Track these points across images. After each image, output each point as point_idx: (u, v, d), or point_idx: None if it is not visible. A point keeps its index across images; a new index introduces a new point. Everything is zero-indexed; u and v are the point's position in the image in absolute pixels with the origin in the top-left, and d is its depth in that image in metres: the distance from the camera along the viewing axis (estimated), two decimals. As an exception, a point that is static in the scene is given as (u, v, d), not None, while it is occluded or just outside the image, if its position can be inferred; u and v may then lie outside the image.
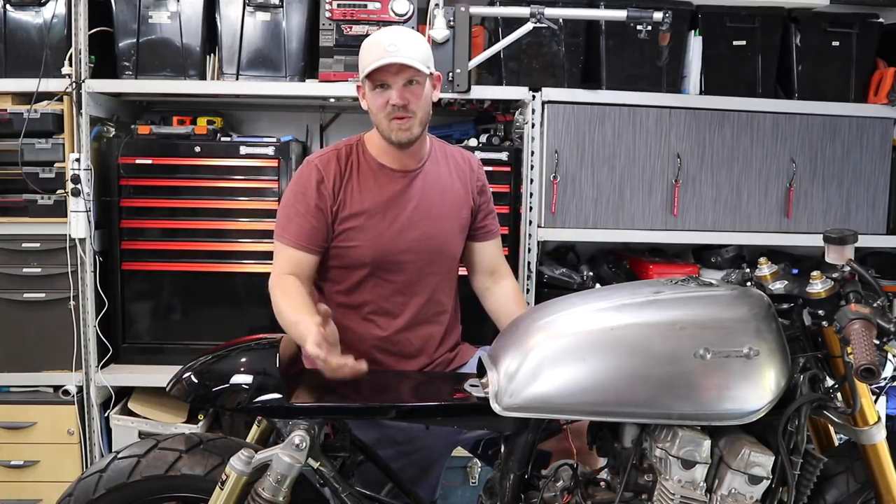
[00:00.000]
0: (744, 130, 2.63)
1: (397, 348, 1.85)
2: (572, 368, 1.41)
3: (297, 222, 1.78)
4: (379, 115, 1.76)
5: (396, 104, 1.72)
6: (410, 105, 1.74)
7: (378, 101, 1.75)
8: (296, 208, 1.79)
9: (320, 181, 1.79)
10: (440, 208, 1.88)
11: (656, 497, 1.44)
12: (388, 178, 1.84)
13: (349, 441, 1.65)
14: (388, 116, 1.74)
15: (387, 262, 1.80)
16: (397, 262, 1.81)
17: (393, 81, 1.72)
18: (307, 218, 1.77)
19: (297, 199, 1.79)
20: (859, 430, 1.46)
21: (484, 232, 1.99)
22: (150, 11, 2.52)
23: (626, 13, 2.35)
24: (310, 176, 1.80)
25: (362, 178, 1.83)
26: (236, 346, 1.61)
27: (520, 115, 2.60)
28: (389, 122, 1.75)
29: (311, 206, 1.77)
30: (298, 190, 1.80)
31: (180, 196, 2.53)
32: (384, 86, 1.74)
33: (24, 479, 2.54)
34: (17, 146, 2.45)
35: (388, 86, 1.73)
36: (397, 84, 1.72)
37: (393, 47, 1.70)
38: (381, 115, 1.76)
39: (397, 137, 1.76)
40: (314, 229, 1.77)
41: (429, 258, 1.85)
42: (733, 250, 2.76)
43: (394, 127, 1.75)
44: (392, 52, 1.69)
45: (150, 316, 2.59)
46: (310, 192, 1.78)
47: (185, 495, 1.54)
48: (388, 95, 1.73)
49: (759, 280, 1.55)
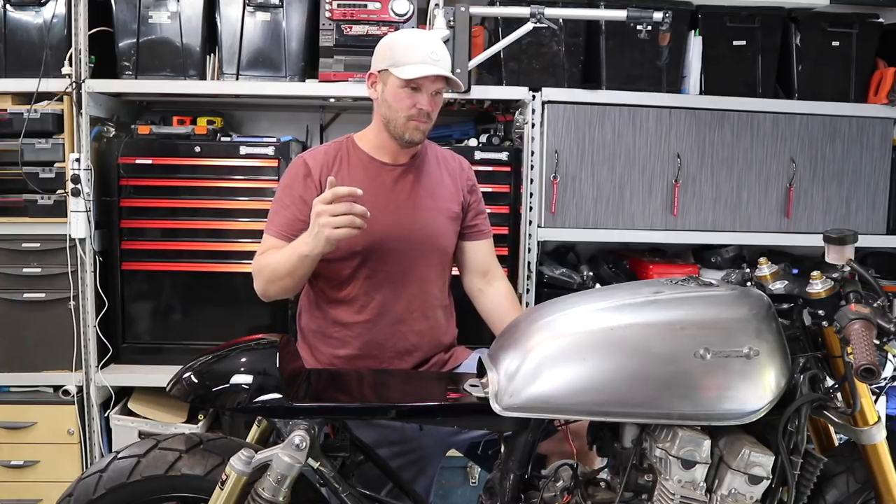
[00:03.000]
0: (744, 130, 2.63)
1: (391, 343, 1.86)
2: (572, 368, 1.41)
3: (282, 214, 1.83)
4: (401, 112, 1.81)
5: (424, 109, 1.79)
6: (432, 113, 1.82)
7: (406, 101, 1.79)
8: (282, 201, 1.85)
9: (307, 174, 1.84)
10: (430, 200, 1.91)
11: (656, 497, 1.44)
12: (379, 169, 1.89)
13: (349, 441, 1.65)
14: (410, 117, 1.80)
15: (377, 250, 1.83)
16: (388, 251, 1.84)
17: (426, 88, 1.79)
18: (292, 210, 1.82)
19: (284, 193, 1.86)
20: (859, 430, 1.46)
21: (475, 231, 2.01)
22: (150, 11, 2.52)
23: (626, 13, 2.35)
24: (297, 170, 1.86)
25: (352, 169, 1.87)
26: (236, 346, 1.61)
27: (520, 115, 2.60)
28: (408, 121, 1.81)
29: (296, 198, 1.83)
30: (286, 184, 1.87)
31: (180, 196, 2.53)
32: (416, 88, 1.78)
33: (24, 479, 2.54)
34: (17, 146, 2.45)
35: (420, 90, 1.78)
36: (429, 91, 1.80)
37: (435, 56, 1.77)
38: (402, 114, 1.80)
39: (411, 137, 1.82)
40: (297, 220, 1.81)
41: (419, 248, 1.88)
42: (733, 250, 2.76)
43: (411, 126, 1.81)
44: (435, 62, 1.77)
45: (150, 316, 2.59)
46: (296, 184, 1.84)
47: (185, 495, 1.53)
48: (418, 99, 1.79)
49: (759, 280, 1.55)
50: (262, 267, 1.80)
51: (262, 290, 1.82)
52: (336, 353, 1.87)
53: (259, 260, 1.82)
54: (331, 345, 1.88)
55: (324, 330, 1.88)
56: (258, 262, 1.82)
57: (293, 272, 1.72)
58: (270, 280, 1.77)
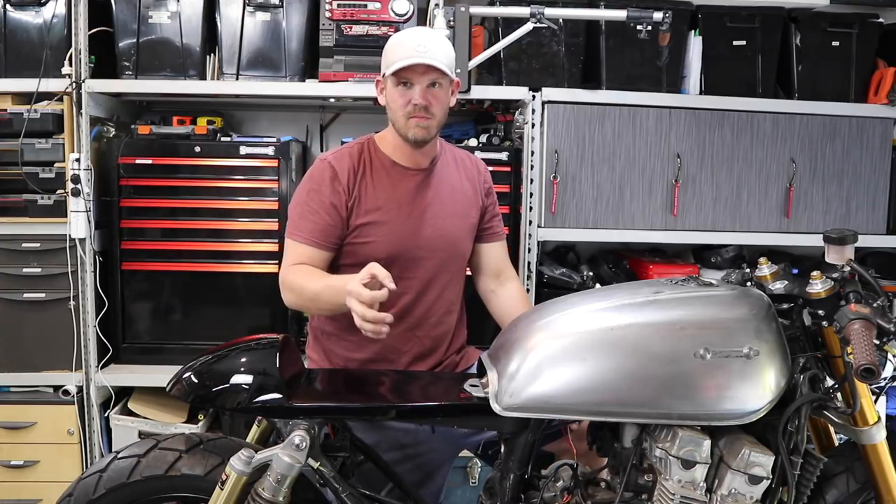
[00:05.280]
0: (744, 130, 2.63)
1: (408, 347, 1.85)
2: (572, 368, 1.41)
3: (310, 219, 1.78)
4: (399, 112, 1.78)
5: (418, 104, 1.75)
6: (432, 107, 1.77)
7: (400, 99, 1.77)
8: (309, 206, 1.79)
9: (334, 178, 1.79)
10: (451, 207, 1.89)
11: (656, 497, 1.44)
12: (402, 175, 1.85)
13: (349, 441, 1.65)
14: (408, 115, 1.77)
15: (402, 259, 1.80)
16: (413, 259, 1.82)
17: (417, 81, 1.75)
18: (321, 215, 1.78)
19: (311, 197, 1.80)
20: (859, 430, 1.46)
21: (490, 233, 2.00)
22: (150, 11, 2.52)
23: (626, 13, 2.35)
24: (323, 173, 1.81)
25: (376, 175, 1.84)
26: (236, 346, 1.61)
27: (520, 115, 2.60)
28: (408, 119, 1.77)
29: (325, 203, 1.78)
30: (312, 187, 1.81)
31: (180, 196, 2.53)
32: (408, 84, 1.76)
33: (24, 479, 2.54)
34: (17, 146, 2.45)
35: (412, 85, 1.75)
36: (421, 84, 1.75)
37: (422, 48, 1.72)
38: (400, 113, 1.78)
39: (414, 135, 1.78)
40: (328, 226, 1.78)
41: (442, 256, 1.86)
42: (733, 250, 2.76)
43: (412, 125, 1.77)
44: (421, 53, 1.72)
45: (150, 316, 2.59)
46: (324, 189, 1.79)
47: (185, 495, 1.53)
48: (411, 94, 1.75)
49: (759, 280, 1.55)
50: (293, 285, 1.75)
51: (293, 307, 1.82)
52: (351, 356, 1.85)
53: (291, 276, 1.75)
54: (346, 348, 1.86)
55: (339, 333, 1.86)
56: (289, 277, 1.75)
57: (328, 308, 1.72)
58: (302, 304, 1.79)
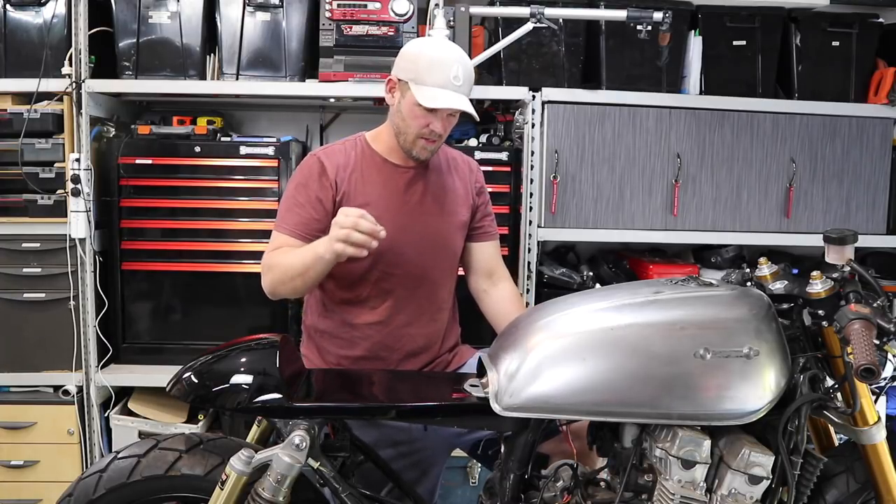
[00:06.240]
0: (744, 130, 2.63)
1: (400, 344, 1.86)
2: (572, 368, 1.41)
3: (296, 212, 1.80)
4: (412, 129, 1.78)
5: (437, 132, 1.77)
6: (444, 134, 1.80)
7: (419, 120, 1.76)
8: (296, 199, 1.81)
9: (322, 173, 1.81)
10: (442, 204, 1.90)
11: (656, 497, 1.44)
12: (392, 172, 1.86)
13: (349, 441, 1.65)
14: (421, 135, 1.78)
15: (389, 253, 1.81)
16: (400, 254, 1.83)
17: (442, 111, 1.76)
18: (307, 209, 1.79)
19: (298, 191, 1.82)
20: (859, 430, 1.46)
21: (482, 233, 2.00)
22: (150, 11, 2.52)
23: (626, 13, 2.35)
24: (312, 168, 1.82)
25: (366, 170, 1.85)
26: (236, 346, 1.61)
27: (520, 115, 2.60)
28: (417, 139, 1.78)
29: (311, 197, 1.80)
30: (300, 181, 1.83)
31: (180, 196, 2.53)
32: (431, 110, 1.75)
33: (24, 479, 2.54)
34: (17, 146, 2.45)
35: (435, 112, 1.75)
36: (444, 114, 1.76)
37: (458, 81, 1.73)
38: (413, 131, 1.78)
39: (418, 154, 1.81)
40: (313, 220, 1.79)
41: (431, 252, 1.87)
42: (733, 250, 2.76)
43: (419, 145, 1.80)
44: (457, 88, 1.73)
45: (150, 316, 2.59)
46: (311, 183, 1.81)
47: (185, 495, 1.53)
48: (431, 120, 1.76)
49: (759, 280, 1.55)
50: (272, 264, 1.75)
51: (271, 289, 1.77)
52: (344, 353, 1.86)
53: (270, 257, 1.77)
54: (339, 345, 1.87)
55: (332, 330, 1.87)
56: (269, 259, 1.77)
57: (305, 273, 1.69)
58: (281, 280, 1.74)
